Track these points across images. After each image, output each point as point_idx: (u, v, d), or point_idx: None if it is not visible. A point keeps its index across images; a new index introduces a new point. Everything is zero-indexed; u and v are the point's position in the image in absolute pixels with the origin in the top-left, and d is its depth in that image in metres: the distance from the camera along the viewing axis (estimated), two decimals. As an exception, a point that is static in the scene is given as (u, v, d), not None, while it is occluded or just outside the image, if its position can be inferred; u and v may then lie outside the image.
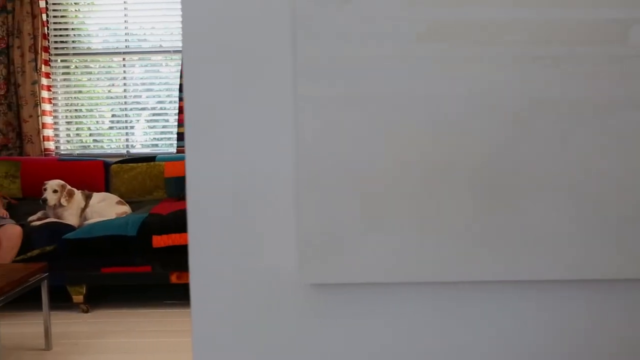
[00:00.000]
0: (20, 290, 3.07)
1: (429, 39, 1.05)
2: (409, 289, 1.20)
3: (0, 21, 4.96)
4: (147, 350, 3.33)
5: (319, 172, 1.13)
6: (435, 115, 1.07)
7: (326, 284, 1.23)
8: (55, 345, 3.38)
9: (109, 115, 5.38)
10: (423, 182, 1.07)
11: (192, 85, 1.39)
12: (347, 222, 1.14)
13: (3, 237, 3.78)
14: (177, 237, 3.87)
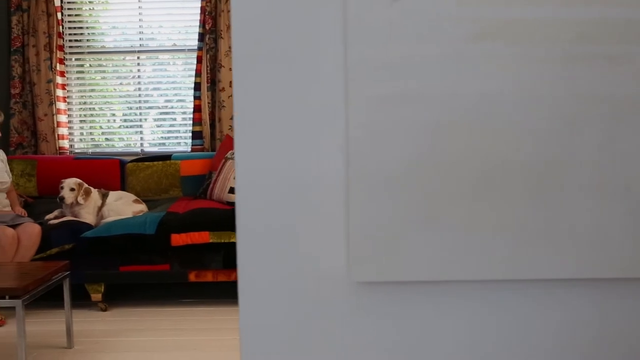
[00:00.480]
0: (45, 288, 3.08)
1: (479, 38, 1.05)
2: (459, 287, 1.20)
3: (15, 20, 4.97)
4: (167, 349, 3.33)
5: (369, 171, 1.13)
6: (485, 114, 1.06)
7: (375, 282, 1.23)
8: (76, 344, 3.39)
9: (122, 113, 5.39)
10: (473, 181, 1.07)
11: (242, 86, 1.39)
12: (397, 220, 1.14)
13: (22, 235, 3.79)
14: (195, 236, 3.87)
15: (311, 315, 1.39)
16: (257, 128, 1.37)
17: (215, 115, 5.04)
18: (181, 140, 5.28)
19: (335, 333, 1.40)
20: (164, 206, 4.40)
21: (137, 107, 5.31)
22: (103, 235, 3.93)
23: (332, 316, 1.34)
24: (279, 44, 1.27)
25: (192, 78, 5.20)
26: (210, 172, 4.60)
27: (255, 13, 1.27)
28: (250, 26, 1.32)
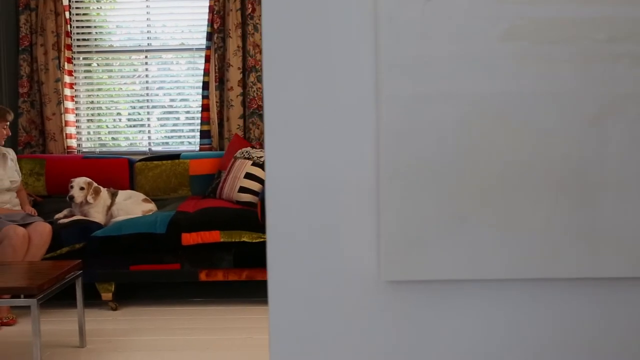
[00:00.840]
0: (58, 287, 3.08)
1: (511, 37, 1.05)
2: (490, 286, 1.20)
3: (23, 19, 4.97)
4: (180, 348, 3.34)
5: (400, 169, 1.14)
6: (516, 113, 1.07)
7: (405, 281, 1.24)
8: (88, 343, 3.39)
9: (128, 112, 5.39)
10: (505, 179, 1.08)
11: (274, 85, 1.39)
12: (428, 219, 1.14)
13: (33, 234, 3.78)
14: (206, 235, 3.87)
15: (341, 314, 1.40)
16: (288, 128, 1.37)
17: (223, 114, 5.04)
18: (185, 139, 5.28)
19: (365, 332, 1.40)
20: (173, 205, 4.40)
21: (144, 106, 5.31)
22: (113, 234, 3.93)
23: (362, 315, 1.35)
24: (310, 43, 1.28)
25: (197, 77, 5.20)
26: (220, 171, 4.61)
27: (285, 13, 1.27)
28: (281, 26, 1.32)
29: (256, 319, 3.77)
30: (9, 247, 3.65)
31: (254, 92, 4.96)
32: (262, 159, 4.37)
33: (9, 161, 4.10)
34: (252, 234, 3.88)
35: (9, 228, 3.71)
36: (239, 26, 4.94)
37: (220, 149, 5.03)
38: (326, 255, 1.38)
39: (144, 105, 5.32)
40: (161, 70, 5.34)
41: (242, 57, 4.97)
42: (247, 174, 4.32)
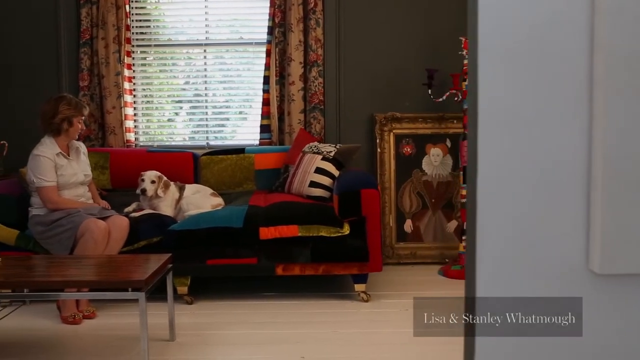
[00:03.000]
0: (158, 281, 3.08)
1: None
2: None
3: (84, 12, 4.95)
4: (270, 342, 3.34)
5: (612, 164, 1.15)
6: None
7: (615, 275, 1.25)
8: (177, 336, 3.39)
9: (185, 106, 5.38)
10: None
11: (488, 81, 1.40)
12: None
13: (112, 228, 3.78)
14: (284, 229, 3.87)
15: (549, 305, 1.41)
16: (501, 122, 1.38)
17: (283, 108, 5.03)
18: (243, 134, 5.28)
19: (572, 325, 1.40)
20: (241, 200, 4.40)
21: (202, 100, 5.31)
22: (191, 228, 3.93)
23: None
24: (523, 37, 1.28)
25: (253, 72, 5.20)
26: (287, 166, 4.60)
27: (501, 13, 1.28)
28: (497, 23, 1.33)
29: (337, 313, 3.78)
30: (90, 240, 3.65)
31: (316, 86, 4.95)
32: (331, 154, 4.37)
33: (82, 155, 4.10)
34: (330, 228, 3.87)
35: (90, 221, 3.70)
36: (300, 20, 4.93)
37: (280, 143, 5.03)
38: (536, 247, 1.39)
39: (201, 99, 5.31)
40: (219, 64, 5.32)
41: (304, 51, 4.96)
42: (317, 168, 4.32)
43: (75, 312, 3.68)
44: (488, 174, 1.40)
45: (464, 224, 4.64)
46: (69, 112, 3.91)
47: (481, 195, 1.41)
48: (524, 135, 1.35)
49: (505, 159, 1.38)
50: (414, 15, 5.04)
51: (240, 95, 5.32)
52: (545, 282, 1.40)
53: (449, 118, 4.97)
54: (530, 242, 1.38)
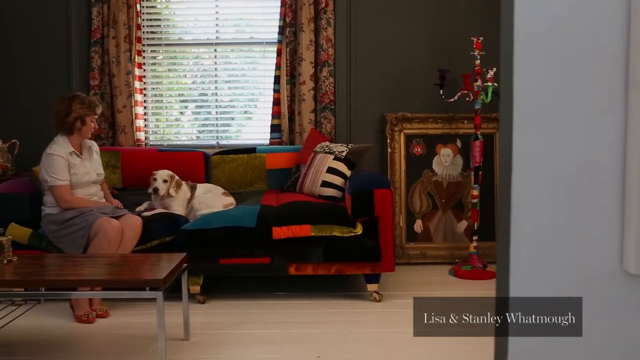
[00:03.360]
0: (174, 280, 3.08)
1: None
2: None
3: (95, 11, 4.95)
4: (284, 341, 3.33)
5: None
6: None
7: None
8: (192, 336, 3.39)
9: (194, 106, 5.38)
10: None
11: (524, 81, 1.40)
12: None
13: (125, 227, 3.78)
14: (297, 229, 3.87)
15: (583, 304, 1.41)
16: (536, 120, 1.38)
17: (293, 108, 5.04)
18: (254, 133, 5.27)
19: (606, 323, 1.41)
20: (253, 199, 4.40)
21: (211, 99, 5.31)
22: (203, 227, 3.92)
23: (603, 306, 1.36)
24: (560, 36, 1.29)
25: (261, 71, 5.20)
26: (298, 165, 4.60)
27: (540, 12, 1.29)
28: (532, 24, 1.33)
29: (351, 313, 3.77)
30: (104, 239, 3.65)
31: (326, 86, 4.95)
32: (343, 154, 4.37)
33: (94, 154, 4.09)
34: (343, 228, 3.87)
35: (104, 220, 3.70)
36: (311, 20, 4.93)
37: (290, 143, 5.03)
38: (570, 247, 1.40)
39: (211, 98, 5.31)
40: (229, 64, 5.32)
41: (315, 51, 4.96)
42: (329, 168, 4.32)
43: (88, 311, 3.68)
44: (522, 173, 1.40)
45: (475, 224, 4.65)
46: (82, 111, 3.91)
47: (515, 195, 1.41)
48: (559, 135, 1.35)
49: (539, 158, 1.38)
50: (425, 15, 5.03)
51: (252, 95, 5.31)
52: (580, 282, 1.40)
53: (459, 118, 4.97)
54: (564, 242, 1.38)
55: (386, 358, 3.12)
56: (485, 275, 4.52)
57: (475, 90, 4.53)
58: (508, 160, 1.42)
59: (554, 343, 1.45)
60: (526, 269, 1.42)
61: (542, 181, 1.35)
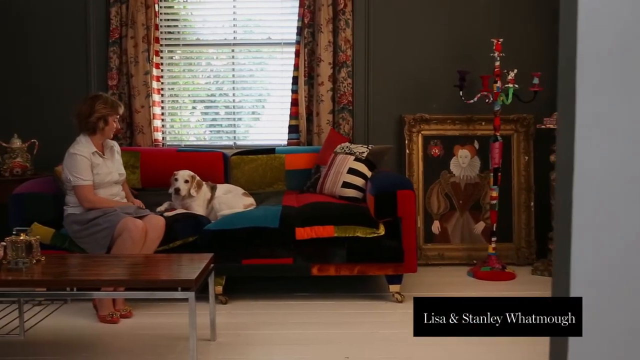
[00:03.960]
0: (203, 280, 3.08)
1: None
2: None
3: (114, 11, 4.95)
4: (311, 342, 3.33)
5: None
6: None
7: None
8: (218, 336, 3.39)
9: (211, 106, 5.38)
10: None
11: (586, 86, 1.41)
12: None
13: (149, 227, 3.78)
14: (320, 230, 3.87)
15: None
16: (599, 122, 1.39)
17: (311, 109, 5.04)
18: (271, 134, 5.27)
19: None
20: (273, 200, 4.40)
21: (229, 99, 5.31)
22: (226, 228, 3.92)
23: None
24: (622, 42, 1.29)
25: (278, 72, 5.20)
26: (318, 166, 4.61)
27: (603, 15, 1.29)
28: (598, 28, 1.34)
29: (375, 314, 3.78)
30: (128, 239, 3.65)
31: (345, 87, 4.96)
32: (364, 155, 4.37)
33: (116, 154, 4.09)
34: (366, 229, 3.88)
35: (128, 220, 3.70)
36: (330, 21, 4.93)
37: (308, 143, 5.03)
38: (632, 252, 1.40)
39: (229, 98, 5.31)
40: (247, 64, 5.32)
41: (333, 52, 4.96)
42: (350, 169, 4.33)
43: (112, 311, 3.68)
44: (584, 177, 1.41)
45: (494, 225, 4.65)
46: (105, 111, 3.91)
47: (577, 198, 1.41)
48: (622, 140, 1.35)
49: (602, 162, 1.39)
50: (443, 16, 5.04)
51: (269, 96, 5.31)
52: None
53: (477, 120, 4.98)
54: (626, 245, 1.39)
55: (416, 358, 3.12)
56: (505, 277, 4.53)
57: (495, 92, 4.54)
58: (569, 164, 1.43)
59: (615, 344, 1.45)
60: (587, 271, 1.42)
61: (603, 185, 1.36)
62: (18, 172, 4.66)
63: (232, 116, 5.31)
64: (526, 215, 4.97)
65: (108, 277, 2.94)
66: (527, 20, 5.01)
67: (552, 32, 4.96)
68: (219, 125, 5.36)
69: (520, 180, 4.98)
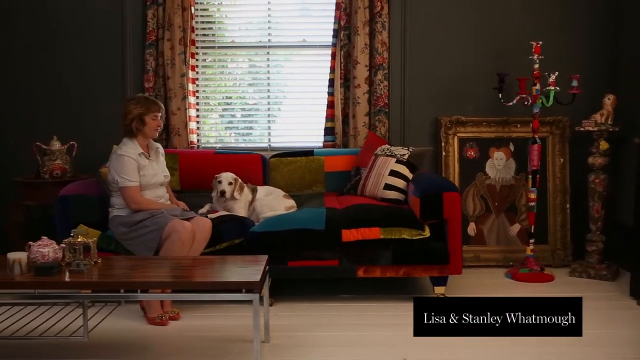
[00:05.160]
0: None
1: None
2: None
3: (150, 14, 4.97)
4: (366, 344, 3.34)
5: None
6: None
7: None
8: (271, 338, 3.39)
9: (248, 108, 5.39)
10: None
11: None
12: None
13: (196, 229, 3.78)
14: (366, 232, 3.88)
15: None
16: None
17: (346, 111, 5.05)
18: (306, 136, 5.28)
19: None
20: (315, 202, 4.41)
21: (264, 102, 5.31)
22: (272, 230, 3.93)
23: None
24: None
25: (313, 74, 5.22)
26: (358, 168, 4.62)
27: None
28: None
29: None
30: (177, 241, 3.65)
31: (381, 89, 4.97)
32: (405, 157, 4.38)
33: (160, 156, 4.10)
34: (412, 230, 3.88)
35: (176, 223, 3.71)
36: (366, 24, 4.94)
37: (344, 145, 5.04)
38: None
39: (263, 100, 5.32)
40: (282, 67, 5.32)
41: (370, 55, 4.98)
42: (391, 171, 4.34)
43: (161, 313, 3.69)
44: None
45: (532, 227, 4.66)
46: (137, 110, 3.88)
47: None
48: None
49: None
50: (478, 19, 5.06)
51: (300, 98, 5.32)
52: None
53: (512, 122, 4.99)
54: None
55: None
56: (544, 278, 4.54)
57: (534, 94, 4.55)
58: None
59: None
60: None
61: None
62: (58, 174, 4.67)
63: (267, 118, 5.32)
64: (562, 217, 4.98)
65: (173, 280, 2.94)
66: (563, 23, 5.03)
67: (595, 34, 4.98)
68: (252, 127, 5.37)
69: (556, 182, 5.00)
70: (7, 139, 5.11)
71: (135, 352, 3.27)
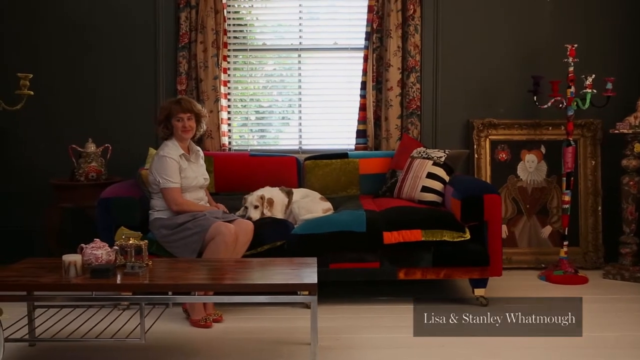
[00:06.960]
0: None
1: None
2: None
3: (183, 16, 4.98)
4: (413, 346, 3.34)
5: None
6: None
7: None
8: (319, 340, 3.39)
9: (279, 111, 5.40)
10: None
11: None
12: None
13: (239, 231, 3.79)
14: (407, 234, 3.89)
15: None
16: None
17: (379, 114, 5.06)
18: (338, 138, 5.28)
19: None
20: (352, 204, 4.41)
21: (295, 104, 5.32)
22: (314, 232, 3.94)
23: None
24: None
25: (345, 77, 5.23)
26: (394, 170, 4.63)
27: None
28: None
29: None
30: (222, 243, 3.65)
31: (414, 92, 4.99)
32: (442, 159, 4.39)
33: (200, 159, 4.11)
34: (453, 233, 3.89)
35: (220, 225, 3.71)
36: (399, 27, 4.96)
37: (375, 148, 5.06)
38: None
39: (294, 103, 5.33)
40: (313, 70, 5.33)
41: (402, 57, 4.99)
42: (428, 173, 4.35)
43: (205, 316, 3.70)
44: None
45: (565, 229, 4.67)
46: (162, 114, 3.95)
47: None
48: None
49: None
50: (510, 22, 5.08)
51: (329, 101, 5.32)
52: None
53: (544, 125, 5.01)
54: None
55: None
56: (578, 280, 4.55)
57: (569, 97, 4.57)
58: None
59: None
60: None
61: None
62: (93, 176, 4.68)
63: (298, 120, 5.33)
64: (593, 220, 5.00)
65: (230, 282, 2.94)
66: (596, 25, 5.05)
67: (629, 36, 4.99)
68: (284, 130, 5.38)
69: (587, 185, 5.01)
70: (40, 142, 5.12)
71: (189, 354, 3.27)
